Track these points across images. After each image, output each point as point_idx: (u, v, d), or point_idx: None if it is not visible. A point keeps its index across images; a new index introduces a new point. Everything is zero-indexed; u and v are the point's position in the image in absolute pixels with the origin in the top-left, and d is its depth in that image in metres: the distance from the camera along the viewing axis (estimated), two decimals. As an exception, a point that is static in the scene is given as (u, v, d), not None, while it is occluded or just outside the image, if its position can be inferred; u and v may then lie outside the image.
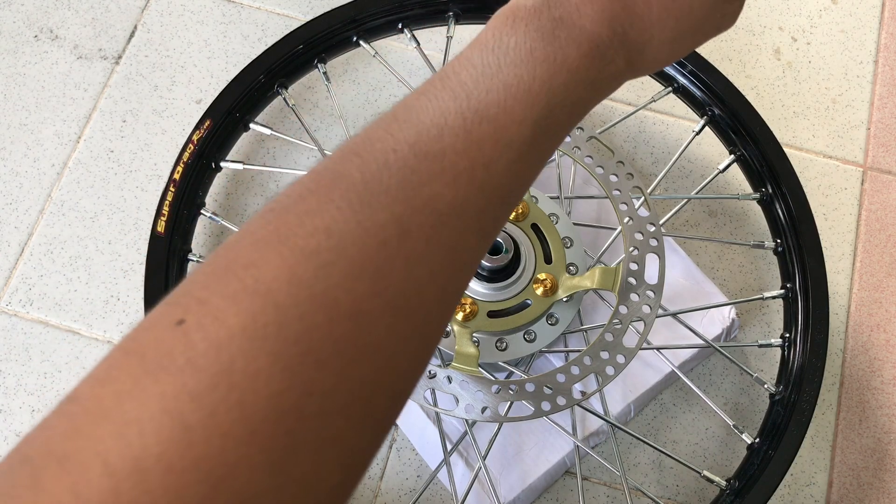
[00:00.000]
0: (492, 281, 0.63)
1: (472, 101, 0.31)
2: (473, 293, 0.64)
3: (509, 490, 0.68)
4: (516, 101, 0.32)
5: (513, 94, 0.32)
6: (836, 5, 0.94)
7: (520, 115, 0.32)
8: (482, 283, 0.64)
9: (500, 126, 0.31)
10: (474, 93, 0.32)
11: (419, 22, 0.79)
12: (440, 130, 0.31)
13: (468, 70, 0.32)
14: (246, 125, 0.77)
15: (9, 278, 0.78)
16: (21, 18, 0.89)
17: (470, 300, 0.63)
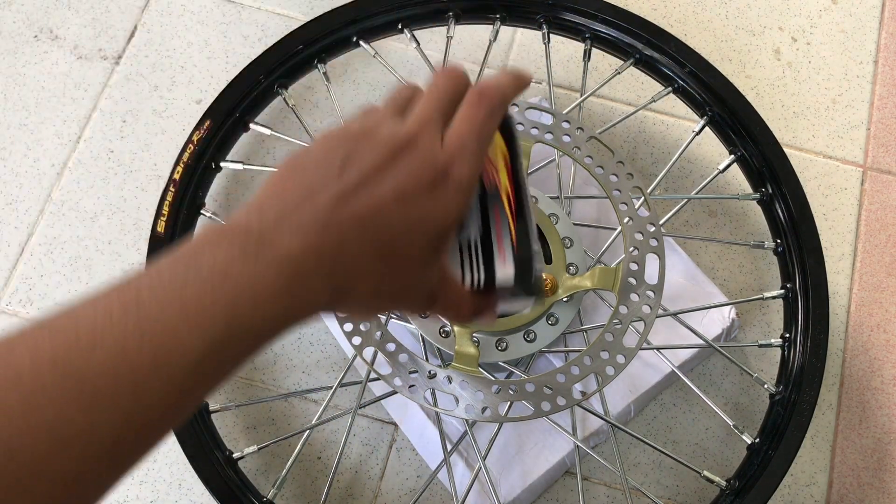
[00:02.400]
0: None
1: (141, 318, 0.29)
2: (473, 293, 0.64)
3: (509, 490, 0.68)
4: (189, 325, 0.30)
5: (189, 315, 0.30)
6: (836, 5, 0.94)
7: (188, 341, 0.29)
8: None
9: (162, 350, 0.29)
10: (146, 309, 0.29)
11: (419, 22, 0.79)
12: (93, 346, 0.28)
13: (152, 281, 0.30)
14: (246, 125, 0.77)
15: (9, 278, 0.78)
16: (21, 18, 0.89)
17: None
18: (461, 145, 0.37)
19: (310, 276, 0.33)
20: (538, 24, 0.79)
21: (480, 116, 0.38)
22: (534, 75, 0.49)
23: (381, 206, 0.35)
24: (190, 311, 0.30)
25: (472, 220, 0.42)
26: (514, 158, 0.43)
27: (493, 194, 0.42)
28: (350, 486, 0.72)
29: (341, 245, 0.34)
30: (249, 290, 0.31)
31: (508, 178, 0.42)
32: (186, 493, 0.71)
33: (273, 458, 0.72)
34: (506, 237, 0.41)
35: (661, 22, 0.82)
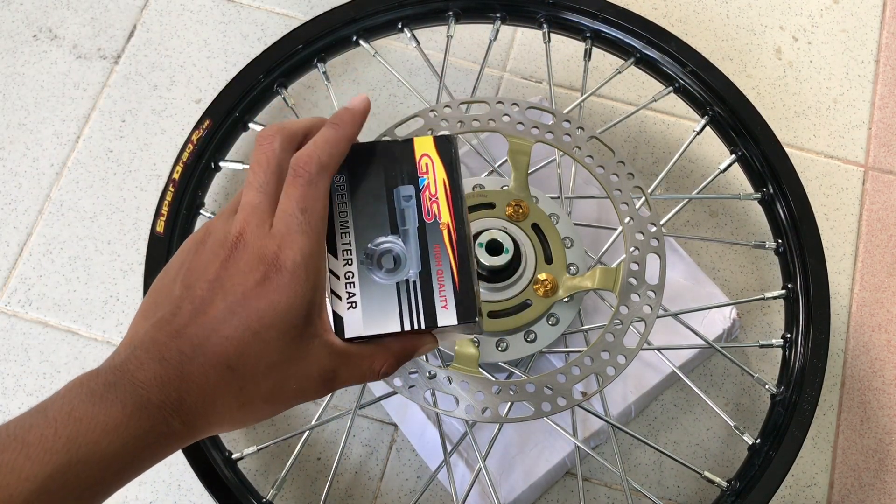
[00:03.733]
0: (492, 281, 0.63)
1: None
2: (473, 293, 0.64)
3: (510, 491, 0.68)
4: (28, 458, 0.33)
5: (30, 450, 0.33)
6: (837, 5, 0.94)
7: (28, 472, 0.32)
8: (482, 284, 0.63)
9: (2, 481, 0.32)
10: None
11: (419, 21, 0.79)
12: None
13: (7, 428, 0.34)
14: (245, 125, 0.77)
15: (8, 278, 0.78)
16: (20, 18, 0.89)
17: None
18: (286, 227, 0.38)
19: (155, 408, 0.35)
20: (538, 23, 0.79)
21: (299, 190, 0.38)
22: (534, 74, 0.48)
23: (216, 323, 0.37)
24: (31, 447, 0.33)
25: (409, 258, 0.41)
26: (454, 188, 0.42)
27: (433, 229, 0.41)
28: (350, 486, 0.72)
29: (182, 373, 0.36)
30: (92, 425, 0.34)
31: (449, 209, 0.42)
32: (186, 493, 0.71)
33: (272, 458, 0.72)
34: (447, 275, 0.41)
35: (661, 21, 0.82)
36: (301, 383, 0.38)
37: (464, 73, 0.88)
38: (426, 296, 0.41)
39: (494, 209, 0.66)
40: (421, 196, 0.42)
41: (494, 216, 0.66)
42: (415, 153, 0.43)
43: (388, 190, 0.42)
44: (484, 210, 0.66)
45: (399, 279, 0.41)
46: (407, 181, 0.42)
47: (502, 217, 0.66)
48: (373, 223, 0.42)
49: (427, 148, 0.43)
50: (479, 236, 0.63)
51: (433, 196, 0.42)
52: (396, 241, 0.42)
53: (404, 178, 0.42)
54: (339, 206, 0.42)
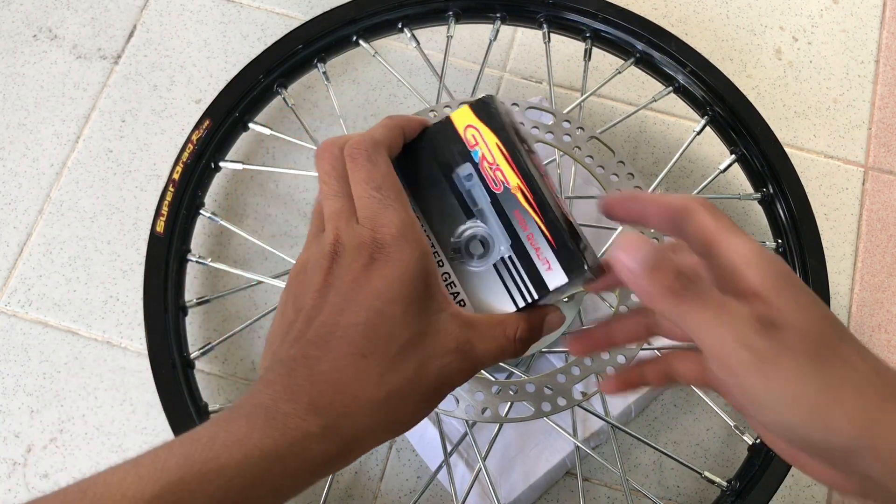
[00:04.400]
0: (492, 281, 0.63)
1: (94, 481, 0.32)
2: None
3: (510, 491, 0.68)
4: (138, 477, 0.32)
5: (140, 470, 0.32)
6: (837, 5, 0.94)
7: (135, 489, 0.31)
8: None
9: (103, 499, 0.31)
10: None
11: (419, 21, 0.79)
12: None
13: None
14: (245, 125, 0.77)
15: (8, 278, 0.78)
16: (20, 18, 0.89)
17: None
18: (370, 210, 0.37)
19: (283, 416, 0.34)
20: (538, 23, 0.79)
21: (363, 170, 0.38)
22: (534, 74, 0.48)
23: (335, 316, 0.35)
24: (142, 466, 0.32)
25: (494, 236, 0.39)
26: (510, 148, 0.40)
27: (506, 196, 0.39)
28: (350, 486, 0.72)
29: (312, 374, 0.35)
30: (211, 443, 0.33)
31: (514, 170, 0.39)
32: (185, 493, 0.71)
33: (272, 458, 0.72)
34: (539, 237, 0.39)
35: (661, 21, 0.82)
36: (442, 361, 0.36)
37: (464, 73, 0.88)
38: (527, 266, 0.39)
39: (494, 209, 0.66)
40: (481, 169, 0.40)
41: (494, 216, 0.66)
42: (457, 129, 0.40)
43: (445, 177, 0.40)
44: (484, 210, 0.66)
45: (494, 260, 0.39)
46: (461, 160, 0.40)
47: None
48: (445, 216, 0.40)
49: (467, 119, 0.40)
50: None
51: (492, 164, 0.39)
52: (476, 225, 0.40)
53: (457, 158, 0.40)
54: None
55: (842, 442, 0.32)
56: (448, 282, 0.40)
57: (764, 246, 0.73)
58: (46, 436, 0.73)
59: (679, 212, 0.36)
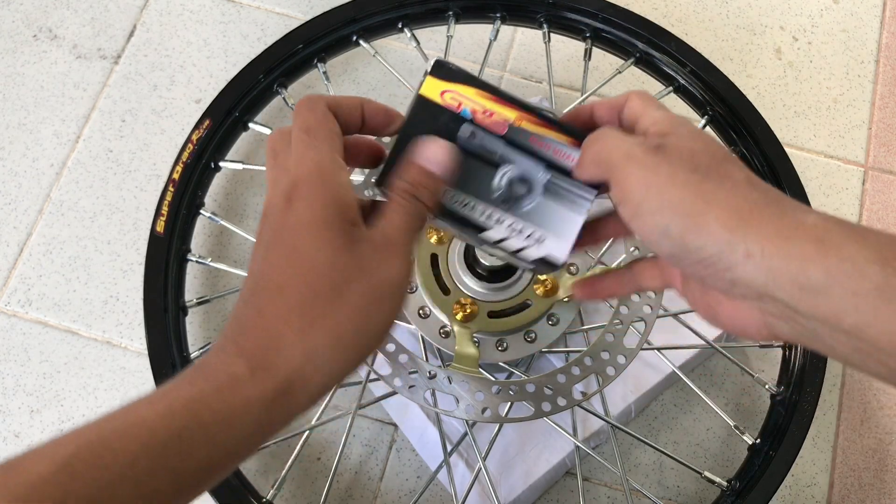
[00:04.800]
0: (492, 281, 0.63)
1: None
2: (473, 293, 0.64)
3: (510, 491, 0.67)
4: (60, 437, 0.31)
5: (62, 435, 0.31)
6: (837, 5, 0.94)
7: (45, 454, 0.31)
8: (482, 284, 0.63)
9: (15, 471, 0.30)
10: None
11: (419, 21, 0.79)
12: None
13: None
14: (245, 125, 0.77)
15: (8, 278, 0.78)
16: (20, 18, 0.89)
17: (470, 300, 0.63)
18: (296, 151, 0.37)
19: (208, 366, 0.34)
20: (538, 23, 0.79)
21: (300, 117, 0.39)
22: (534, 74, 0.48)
23: (260, 262, 0.37)
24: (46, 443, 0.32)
25: (529, 170, 0.40)
26: (489, 89, 0.40)
27: (514, 132, 0.40)
28: (350, 486, 0.72)
29: (237, 318, 0.36)
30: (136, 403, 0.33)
31: (506, 106, 0.40)
32: (186, 493, 0.71)
33: (272, 458, 0.72)
34: (561, 146, 0.40)
35: (661, 21, 0.82)
36: (368, 269, 0.36)
37: (464, 72, 0.88)
38: (568, 176, 0.40)
39: (494, 209, 0.66)
40: (478, 122, 0.40)
41: (494, 216, 0.66)
42: (434, 101, 0.41)
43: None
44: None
45: (540, 190, 0.40)
46: (456, 124, 0.41)
47: (502, 217, 0.65)
48: (476, 180, 0.40)
49: (437, 87, 0.41)
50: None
51: (485, 112, 0.40)
52: (505, 169, 0.40)
53: (451, 125, 0.41)
54: (447, 198, 0.40)
55: (717, 246, 0.34)
56: (519, 232, 0.40)
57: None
58: (46, 436, 0.73)
59: (620, 104, 0.40)
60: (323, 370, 0.35)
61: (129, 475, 0.31)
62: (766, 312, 0.35)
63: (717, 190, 0.34)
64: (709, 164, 0.35)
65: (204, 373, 0.34)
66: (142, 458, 0.31)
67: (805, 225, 0.33)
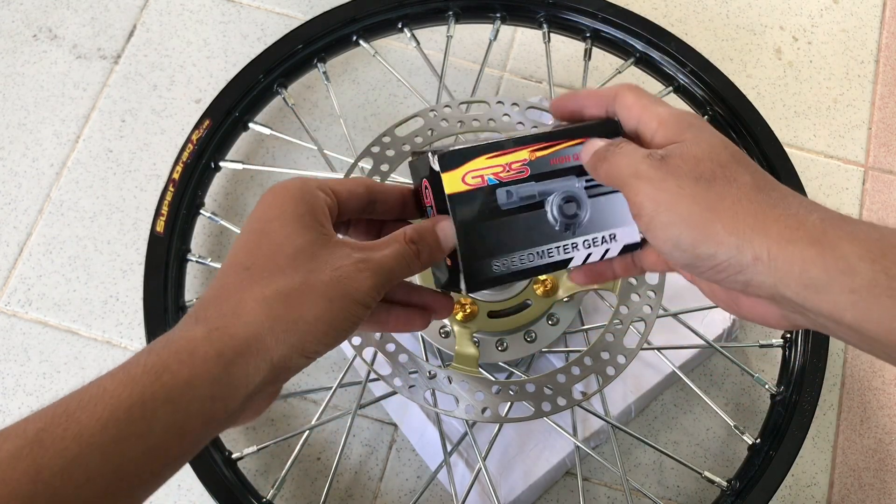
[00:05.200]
0: (492, 281, 0.63)
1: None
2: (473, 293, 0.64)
3: (510, 491, 0.67)
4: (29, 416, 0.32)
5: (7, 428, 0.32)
6: (837, 5, 0.94)
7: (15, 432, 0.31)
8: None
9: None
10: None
11: (419, 21, 0.79)
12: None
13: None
14: (245, 125, 0.77)
15: (7, 278, 0.78)
16: (20, 18, 0.89)
17: (470, 300, 0.63)
18: None
19: (170, 335, 0.35)
20: (538, 23, 0.79)
21: None
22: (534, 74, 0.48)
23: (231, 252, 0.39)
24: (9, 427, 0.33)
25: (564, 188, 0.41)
26: (492, 148, 0.41)
27: (536, 166, 0.41)
28: (350, 486, 0.72)
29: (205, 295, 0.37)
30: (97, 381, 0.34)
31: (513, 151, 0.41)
32: (185, 493, 0.71)
33: (272, 458, 0.72)
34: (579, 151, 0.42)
35: (661, 21, 0.82)
36: (335, 267, 0.37)
37: (464, 73, 0.88)
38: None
39: (494, 209, 0.66)
40: (506, 180, 0.41)
41: (494, 216, 0.66)
42: (462, 192, 0.41)
43: (504, 214, 0.42)
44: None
45: (585, 196, 0.42)
46: (492, 196, 0.42)
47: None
48: (537, 228, 0.42)
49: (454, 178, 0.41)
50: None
51: (505, 168, 0.41)
52: (550, 200, 0.42)
53: (489, 199, 0.42)
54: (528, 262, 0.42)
55: (727, 253, 0.35)
56: (597, 242, 0.42)
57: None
58: (46, 436, 0.73)
59: (609, 98, 0.41)
60: (285, 343, 0.36)
61: (97, 443, 0.31)
62: (783, 307, 0.36)
63: (722, 197, 0.35)
64: (713, 170, 0.36)
65: (163, 341, 0.35)
66: (109, 427, 0.32)
67: (806, 225, 0.34)
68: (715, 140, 0.37)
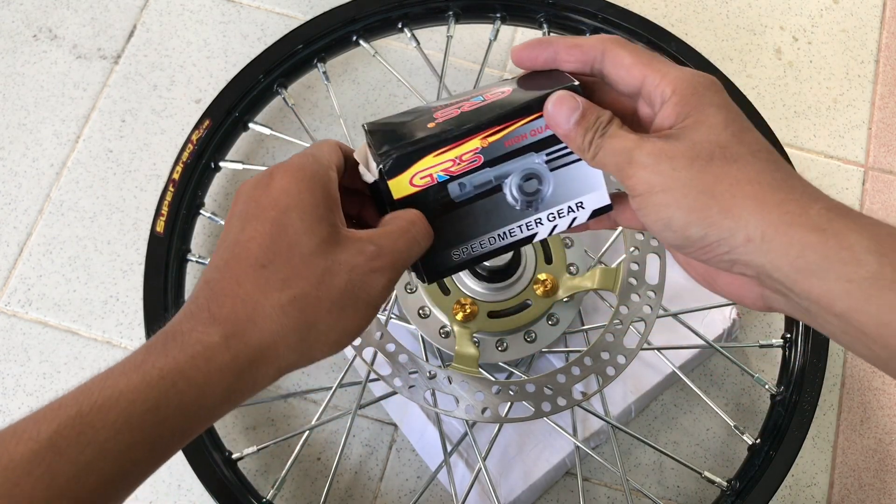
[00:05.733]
0: (492, 281, 0.63)
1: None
2: (473, 293, 0.64)
3: (510, 491, 0.68)
4: (34, 422, 0.31)
5: (38, 414, 0.32)
6: (837, 5, 0.94)
7: (29, 433, 0.31)
8: (482, 284, 0.63)
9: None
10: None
11: (419, 21, 0.79)
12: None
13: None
14: (245, 125, 0.77)
15: (8, 278, 0.78)
16: (20, 18, 0.89)
17: (470, 300, 0.63)
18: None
19: (181, 335, 0.34)
20: (538, 23, 0.79)
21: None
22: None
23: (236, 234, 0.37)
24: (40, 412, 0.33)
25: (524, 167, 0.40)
26: (435, 144, 0.39)
27: (488, 152, 0.39)
28: (350, 486, 0.72)
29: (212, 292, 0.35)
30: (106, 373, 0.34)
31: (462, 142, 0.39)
32: (186, 493, 0.71)
33: (272, 458, 0.72)
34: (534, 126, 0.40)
35: (661, 21, 0.82)
36: (351, 266, 0.36)
37: (464, 73, 0.88)
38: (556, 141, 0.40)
39: (494, 209, 0.66)
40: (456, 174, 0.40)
41: (494, 216, 0.66)
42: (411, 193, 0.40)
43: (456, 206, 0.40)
44: (484, 210, 0.66)
45: (547, 170, 0.40)
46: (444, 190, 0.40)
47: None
48: (496, 212, 0.40)
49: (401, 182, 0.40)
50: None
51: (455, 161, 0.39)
52: (508, 182, 0.40)
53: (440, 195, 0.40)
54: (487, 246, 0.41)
55: (719, 235, 0.34)
56: (563, 213, 0.41)
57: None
58: (46, 436, 0.73)
59: (595, 52, 0.38)
60: (295, 351, 0.36)
61: (110, 449, 0.31)
62: (764, 287, 0.36)
63: (720, 179, 0.34)
64: (712, 151, 0.35)
65: (178, 341, 0.34)
66: (123, 433, 0.32)
67: (809, 213, 0.33)
68: (721, 116, 0.36)
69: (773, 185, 0.34)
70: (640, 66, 0.37)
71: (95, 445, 0.31)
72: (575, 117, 0.37)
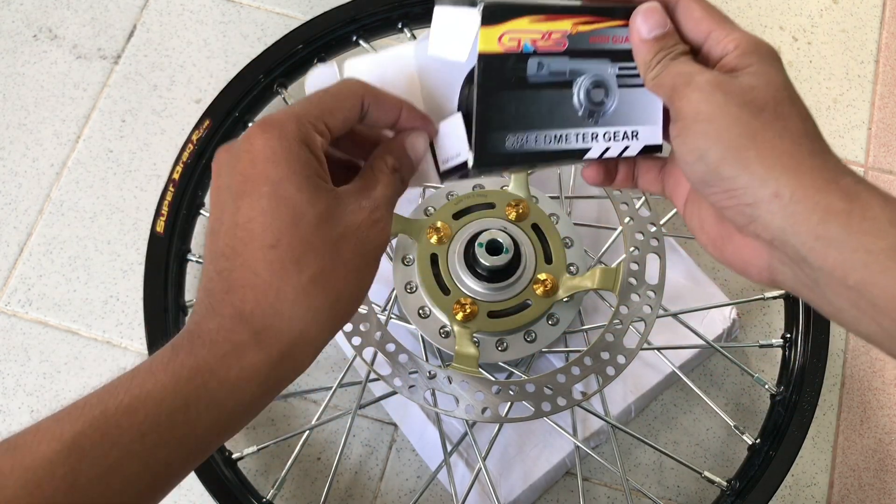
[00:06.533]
0: (492, 281, 0.63)
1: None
2: (473, 293, 0.64)
3: (510, 491, 0.68)
4: (57, 421, 0.31)
5: (61, 415, 0.31)
6: (836, 5, 0.94)
7: (54, 432, 0.30)
8: (482, 284, 0.63)
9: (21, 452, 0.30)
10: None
11: (419, 21, 0.79)
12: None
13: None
14: (245, 125, 0.77)
15: (8, 278, 0.78)
16: (20, 18, 0.89)
17: (470, 300, 0.63)
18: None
19: (206, 332, 0.34)
20: (538, 23, 0.79)
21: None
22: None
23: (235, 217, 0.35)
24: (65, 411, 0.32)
25: (595, 70, 0.39)
26: (541, 10, 0.38)
27: (575, 41, 0.38)
28: (350, 486, 0.72)
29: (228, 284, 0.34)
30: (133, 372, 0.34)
31: (558, 20, 0.38)
32: (185, 493, 0.71)
33: (272, 458, 0.72)
34: (616, 30, 0.39)
35: (661, 21, 0.82)
36: (356, 225, 0.35)
37: (464, 73, 0.88)
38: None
39: (494, 209, 0.66)
40: (540, 51, 0.38)
41: (494, 216, 0.66)
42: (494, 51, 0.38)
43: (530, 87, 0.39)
44: (484, 210, 0.66)
45: (615, 85, 0.39)
46: (523, 63, 0.39)
47: (502, 217, 0.66)
48: (559, 109, 0.39)
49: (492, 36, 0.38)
50: (479, 236, 0.63)
51: (544, 36, 0.38)
52: (579, 82, 0.39)
53: (518, 66, 0.38)
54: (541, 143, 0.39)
55: (748, 179, 0.34)
56: (617, 137, 0.40)
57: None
58: (46, 436, 0.73)
59: (670, 2, 0.39)
60: (326, 328, 0.35)
61: (137, 450, 0.31)
62: (774, 256, 0.36)
63: (766, 128, 0.35)
64: (766, 101, 0.35)
65: (204, 340, 0.33)
66: (150, 433, 0.31)
67: (840, 183, 0.34)
68: (780, 78, 0.36)
69: (813, 151, 0.35)
70: (708, 21, 0.38)
71: (121, 447, 0.31)
72: (657, 32, 0.37)
